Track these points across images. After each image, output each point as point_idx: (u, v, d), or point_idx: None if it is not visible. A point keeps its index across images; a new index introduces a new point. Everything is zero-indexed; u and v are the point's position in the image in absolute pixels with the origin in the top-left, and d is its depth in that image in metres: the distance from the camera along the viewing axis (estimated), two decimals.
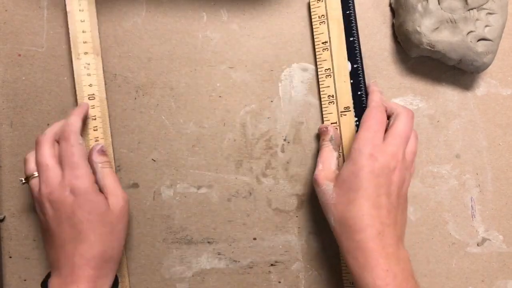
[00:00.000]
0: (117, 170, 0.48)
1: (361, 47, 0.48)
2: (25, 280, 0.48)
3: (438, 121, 0.48)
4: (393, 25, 0.49)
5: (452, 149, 0.48)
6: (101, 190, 0.42)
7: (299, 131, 0.48)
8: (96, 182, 0.42)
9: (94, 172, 0.43)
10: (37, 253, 0.48)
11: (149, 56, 0.48)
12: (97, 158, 0.43)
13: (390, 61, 0.49)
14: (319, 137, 0.48)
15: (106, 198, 0.42)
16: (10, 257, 0.48)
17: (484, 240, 0.48)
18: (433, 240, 0.48)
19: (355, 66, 0.47)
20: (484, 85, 0.48)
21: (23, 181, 0.43)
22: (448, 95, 0.48)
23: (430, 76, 0.48)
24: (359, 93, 0.47)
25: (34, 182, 0.42)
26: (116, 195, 0.42)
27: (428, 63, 0.48)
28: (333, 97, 0.47)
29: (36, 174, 0.42)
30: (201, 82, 0.48)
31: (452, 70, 0.48)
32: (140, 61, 0.49)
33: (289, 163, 0.48)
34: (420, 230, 0.48)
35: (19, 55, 0.48)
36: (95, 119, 0.47)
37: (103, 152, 0.44)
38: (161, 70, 0.48)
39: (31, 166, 0.43)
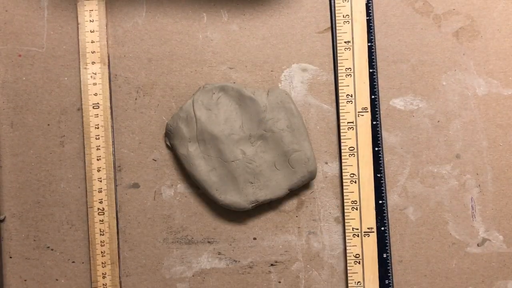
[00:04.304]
0: (118, 170, 0.48)
1: None
2: (25, 280, 0.48)
3: (438, 121, 0.48)
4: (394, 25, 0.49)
5: (452, 149, 0.48)
6: None
7: None
8: None
9: None
10: (37, 253, 0.48)
11: (150, 56, 0.49)
12: None
13: (390, 61, 0.49)
14: (319, 137, 0.48)
15: None
16: (11, 257, 0.48)
17: (484, 240, 0.48)
18: (433, 240, 0.48)
19: (371, 70, 0.48)
20: (485, 85, 0.48)
21: None
22: (448, 95, 0.48)
23: (430, 76, 0.48)
24: (373, 97, 0.48)
25: None
26: None
27: (428, 63, 0.49)
28: (351, 96, 0.48)
29: None
30: (201, 83, 0.48)
31: (453, 70, 0.49)
32: (141, 61, 0.49)
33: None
34: (420, 230, 0.48)
35: (20, 55, 0.49)
36: (97, 127, 0.47)
37: None
38: (162, 71, 0.49)
39: None
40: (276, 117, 0.46)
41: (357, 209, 0.47)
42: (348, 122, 0.48)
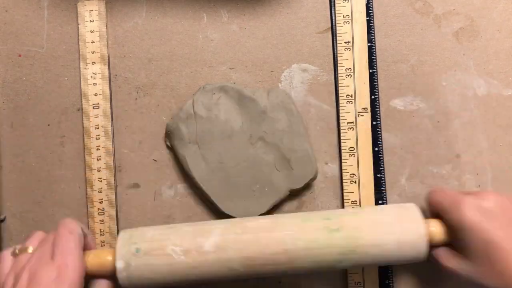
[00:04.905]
0: (118, 170, 0.48)
1: None
2: None
3: (438, 122, 0.48)
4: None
5: (452, 149, 0.48)
6: None
7: None
8: None
9: None
10: None
11: (150, 56, 0.49)
12: None
13: (390, 61, 0.49)
14: (319, 138, 0.48)
15: None
16: None
17: None
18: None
19: (371, 71, 0.48)
20: (485, 85, 0.48)
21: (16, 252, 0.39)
22: (448, 95, 0.48)
23: (430, 76, 0.48)
24: (373, 97, 0.48)
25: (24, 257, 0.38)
26: None
27: (428, 63, 0.49)
28: (351, 96, 0.48)
29: (30, 250, 0.38)
30: (201, 83, 0.48)
31: (453, 70, 0.49)
32: (141, 61, 0.49)
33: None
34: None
35: (20, 55, 0.48)
36: (98, 128, 0.47)
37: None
38: (162, 71, 0.49)
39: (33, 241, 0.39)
40: (276, 118, 0.46)
41: None
42: (348, 123, 0.48)
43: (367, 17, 0.49)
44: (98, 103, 0.48)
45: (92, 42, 0.48)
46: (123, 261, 0.38)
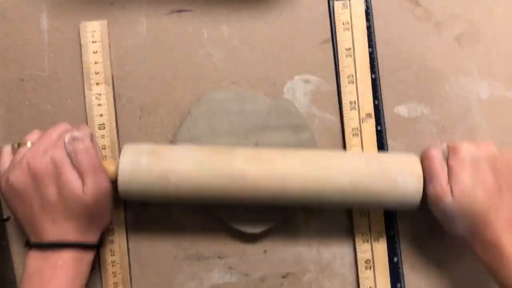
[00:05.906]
0: None
1: None
2: None
3: (443, 127, 0.48)
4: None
5: None
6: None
7: None
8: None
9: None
10: None
11: (152, 75, 0.49)
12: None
13: (392, 68, 0.49)
14: (324, 148, 0.48)
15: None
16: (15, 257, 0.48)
17: None
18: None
19: (373, 76, 0.48)
20: (488, 88, 0.48)
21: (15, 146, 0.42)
22: (452, 100, 0.48)
23: (433, 82, 0.48)
24: (376, 102, 0.48)
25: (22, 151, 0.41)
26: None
27: (431, 69, 0.49)
28: (355, 103, 0.48)
29: (29, 144, 0.41)
30: None
31: (456, 75, 0.48)
32: (143, 80, 0.49)
33: None
34: (431, 234, 0.48)
35: (22, 79, 0.48)
36: (104, 148, 0.47)
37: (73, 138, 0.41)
38: (164, 89, 0.48)
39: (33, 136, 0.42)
40: (282, 124, 0.46)
41: (366, 215, 0.48)
42: (352, 129, 0.48)
43: (366, 22, 0.49)
44: (103, 124, 0.48)
45: (95, 63, 0.48)
46: (124, 177, 0.41)
